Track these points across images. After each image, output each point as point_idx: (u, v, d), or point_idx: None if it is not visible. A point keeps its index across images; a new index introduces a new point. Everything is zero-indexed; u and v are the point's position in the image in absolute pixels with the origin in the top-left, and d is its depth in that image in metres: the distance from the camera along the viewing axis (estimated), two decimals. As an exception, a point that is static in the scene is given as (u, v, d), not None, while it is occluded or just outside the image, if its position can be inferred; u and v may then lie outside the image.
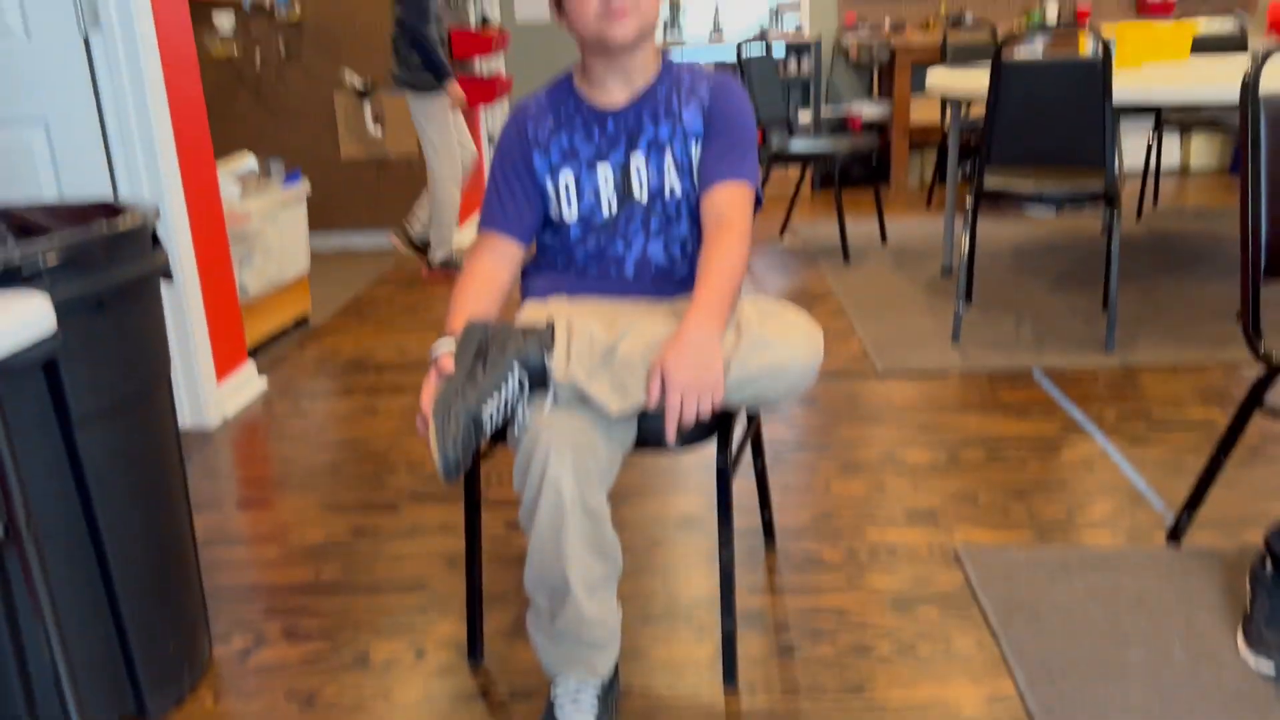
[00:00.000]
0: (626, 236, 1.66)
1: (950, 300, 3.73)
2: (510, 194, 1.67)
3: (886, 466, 2.43)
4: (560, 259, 1.71)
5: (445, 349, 1.48)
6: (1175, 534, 2.02)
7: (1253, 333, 1.76)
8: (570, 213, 1.66)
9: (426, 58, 4.12)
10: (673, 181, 1.64)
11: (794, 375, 1.49)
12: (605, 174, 1.64)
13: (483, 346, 1.44)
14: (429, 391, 1.45)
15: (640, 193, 1.64)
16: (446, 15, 4.34)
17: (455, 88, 4.22)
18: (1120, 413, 2.66)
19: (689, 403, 1.40)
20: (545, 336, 1.45)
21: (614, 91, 1.64)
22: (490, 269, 1.65)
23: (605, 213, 1.65)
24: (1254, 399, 1.81)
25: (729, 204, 1.58)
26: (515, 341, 1.43)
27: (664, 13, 6.35)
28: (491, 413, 1.39)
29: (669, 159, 1.64)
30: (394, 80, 4.25)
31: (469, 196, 5.31)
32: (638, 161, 1.64)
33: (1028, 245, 4.51)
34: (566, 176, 1.65)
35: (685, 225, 1.66)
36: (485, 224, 1.69)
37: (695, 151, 1.63)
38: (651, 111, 1.64)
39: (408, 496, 2.41)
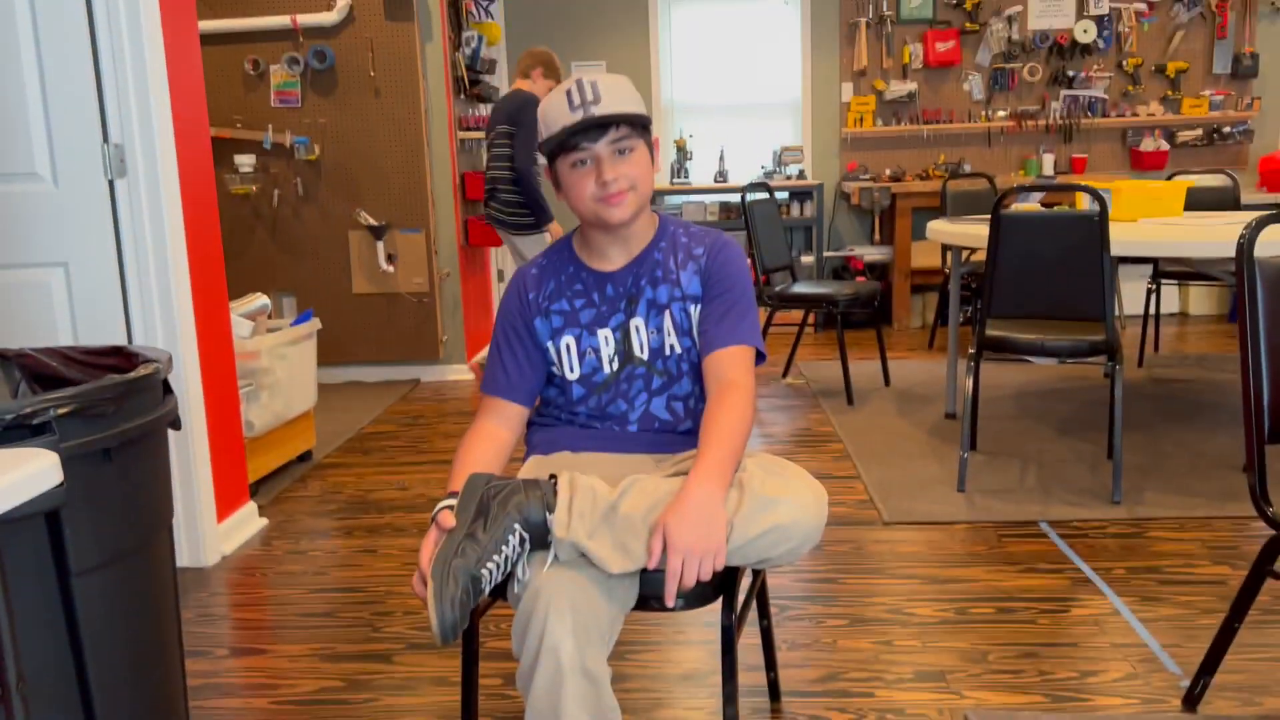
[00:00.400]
0: (628, 395, 1.68)
1: (954, 445, 3.73)
2: (513, 358, 1.70)
3: (894, 622, 2.38)
4: (564, 414, 1.72)
5: (446, 505, 1.47)
6: (1191, 700, 1.97)
7: (1261, 498, 1.75)
8: (572, 374, 1.68)
9: (533, 199, 4.37)
10: (672, 340, 1.67)
11: (798, 537, 1.48)
12: (606, 336, 1.67)
13: (484, 501, 1.44)
14: (428, 551, 1.44)
15: (641, 352, 1.67)
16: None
17: (555, 227, 4.48)
18: (1130, 568, 2.62)
19: (690, 566, 1.38)
20: (547, 493, 1.44)
21: (614, 258, 1.68)
22: (493, 430, 1.68)
23: (607, 371, 1.67)
24: (1264, 564, 1.79)
25: (731, 366, 1.60)
26: (517, 498, 1.43)
27: (671, 157, 6.56)
28: (490, 570, 1.38)
29: (668, 320, 1.67)
30: (492, 222, 4.48)
31: (476, 332, 5.37)
32: (637, 323, 1.67)
33: (1030, 390, 4.53)
34: (568, 339, 1.68)
35: (687, 383, 1.68)
36: (488, 388, 1.71)
37: (694, 312, 1.66)
38: (650, 274, 1.67)
39: (404, 646, 2.36)
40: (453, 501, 1.48)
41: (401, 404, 4.78)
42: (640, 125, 1.59)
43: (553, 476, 1.48)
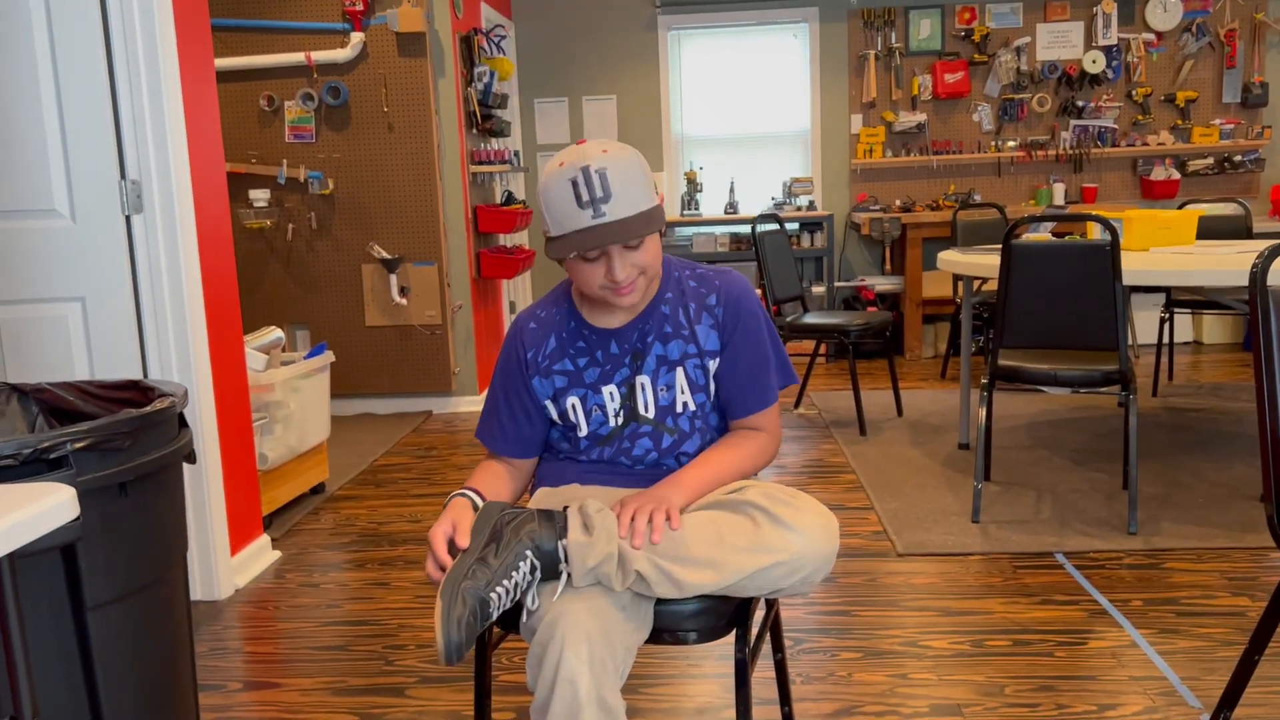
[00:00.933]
0: (631, 452, 1.66)
1: (968, 475, 3.71)
2: (511, 418, 1.69)
3: (909, 655, 2.37)
4: (569, 458, 1.71)
5: (461, 493, 1.56)
6: (1212, 735, 1.94)
7: None
8: (580, 430, 1.66)
9: None
10: (686, 398, 1.63)
11: (809, 566, 1.47)
12: (610, 392, 1.63)
13: (498, 528, 1.44)
14: (440, 532, 1.47)
15: (646, 410, 1.63)
16: None
17: None
18: (1147, 600, 2.60)
19: (641, 513, 1.45)
20: (560, 523, 1.45)
21: (617, 314, 1.64)
22: (507, 470, 1.70)
23: (612, 425, 1.65)
24: (1284, 595, 1.77)
25: (759, 421, 1.66)
26: (530, 526, 1.44)
27: (681, 190, 6.59)
28: (499, 595, 1.38)
29: (681, 377, 1.62)
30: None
31: (488, 364, 5.37)
32: (643, 380, 1.62)
33: (1044, 420, 4.51)
34: (573, 400, 1.64)
35: (698, 439, 1.65)
36: (490, 445, 1.71)
37: (712, 366, 1.63)
38: (658, 329, 1.62)
39: (416, 679, 2.35)
40: (468, 492, 1.55)
41: (414, 436, 4.79)
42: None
43: (566, 508, 1.49)
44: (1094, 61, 6.31)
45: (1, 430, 1.83)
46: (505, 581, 1.38)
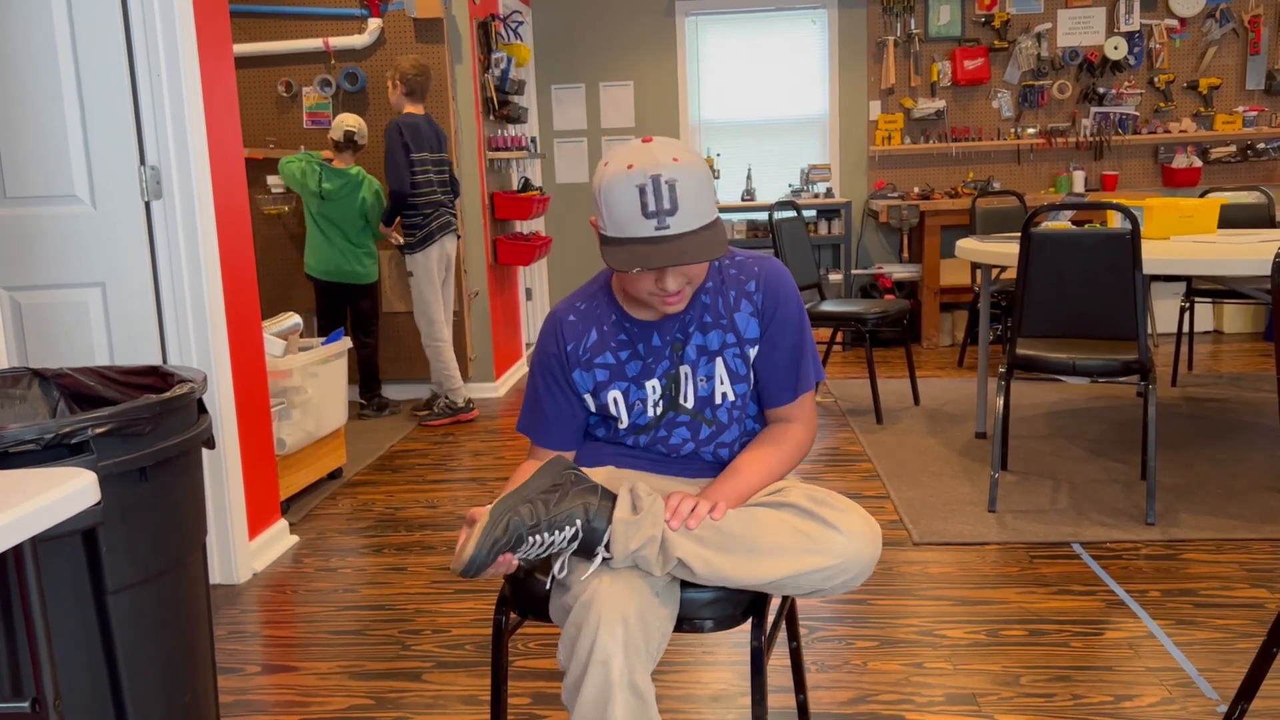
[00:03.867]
0: (668, 441, 1.65)
1: (985, 465, 3.70)
2: (555, 409, 1.66)
3: (924, 644, 2.36)
4: (606, 440, 1.71)
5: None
6: (1229, 726, 1.93)
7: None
8: (621, 422, 1.65)
9: (397, 217, 4.61)
10: (725, 388, 1.62)
11: (853, 571, 1.46)
12: (653, 385, 1.62)
13: (563, 482, 1.46)
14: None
15: (685, 400, 1.62)
16: (433, 169, 4.60)
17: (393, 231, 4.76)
18: (1165, 591, 2.59)
19: (688, 500, 1.46)
20: (610, 509, 1.45)
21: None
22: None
23: (651, 415, 1.64)
24: (1304, 588, 1.76)
25: (797, 408, 1.64)
26: (591, 498, 1.45)
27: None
28: (536, 541, 1.39)
29: (720, 368, 1.61)
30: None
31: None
32: (685, 370, 1.61)
33: (1062, 409, 4.49)
34: (615, 394, 1.63)
35: (735, 429, 1.65)
36: (538, 440, 1.69)
37: (751, 354, 1.61)
38: (698, 320, 1.60)
39: (433, 664, 2.37)
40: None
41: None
42: None
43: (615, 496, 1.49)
44: (1115, 48, 6.25)
45: (23, 415, 1.84)
46: (547, 533, 1.39)
